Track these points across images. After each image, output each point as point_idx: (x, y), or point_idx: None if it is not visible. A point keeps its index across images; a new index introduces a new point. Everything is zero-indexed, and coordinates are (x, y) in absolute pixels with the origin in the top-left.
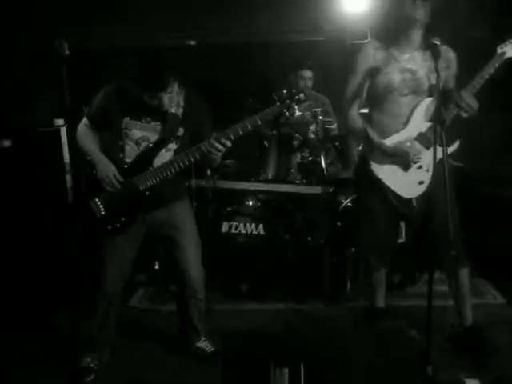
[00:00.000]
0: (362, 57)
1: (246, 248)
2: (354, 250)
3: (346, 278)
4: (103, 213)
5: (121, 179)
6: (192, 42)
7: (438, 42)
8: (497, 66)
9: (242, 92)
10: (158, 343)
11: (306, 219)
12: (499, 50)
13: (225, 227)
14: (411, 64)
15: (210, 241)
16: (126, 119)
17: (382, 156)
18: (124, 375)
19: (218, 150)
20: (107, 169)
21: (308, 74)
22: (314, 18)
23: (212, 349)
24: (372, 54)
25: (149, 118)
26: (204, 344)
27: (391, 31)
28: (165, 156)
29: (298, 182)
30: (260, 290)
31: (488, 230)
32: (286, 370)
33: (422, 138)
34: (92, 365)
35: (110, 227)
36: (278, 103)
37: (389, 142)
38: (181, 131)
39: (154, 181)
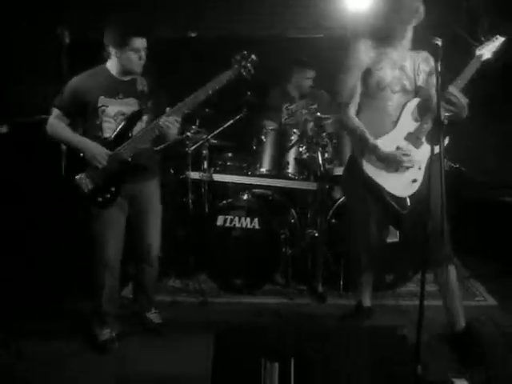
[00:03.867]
0: (354, 53)
1: (241, 242)
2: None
3: (339, 275)
4: (90, 187)
5: (109, 152)
6: (192, 34)
7: (439, 43)
8: (475, 68)
9: (241, 86)
10: (150, 335)
11: (301, 215)
12: (477, 52)
13: (220, 220)
14: (402, 61)
15: (205, 234)
16: (101, 98)
17: (371, 159)
18: (117, 367)
19: (172, 124)
20: (93, 148)
21: (312, 73)
22: (314, 14)
23: (159, 321)
24: (364, 52)
25: (121, 95)
26: (153, 316)
27: (384, 28)
28: (140, 127)
29: (294, 177)
30: (254, 284)
31: (480, 232)
32: (277, 365)
33: (411, 137)
34: (113, 334)
35: (100, 199)
36: (236, 66)
37: (380, 142)
38: (150, 104)
39: (135, 148)
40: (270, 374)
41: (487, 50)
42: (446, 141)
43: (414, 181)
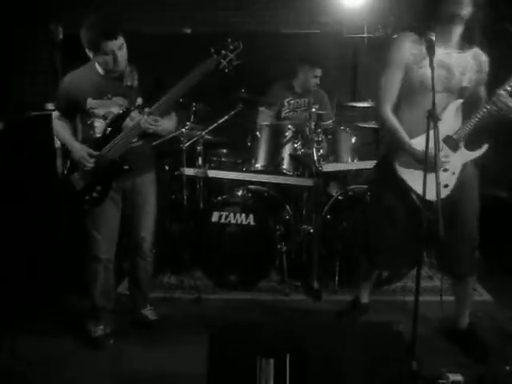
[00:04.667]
0: (397, 50)
1: (236, 238)
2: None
3: (334, 271)
4: (81, 186)
5: (94, 153)
6: (187, 31)
7: (433, 38)
8: None
9: (236, 82)
10: (145, 332)
11: (296, 211)
12: None
13: (215, 217)
14: (447, 60)
15: (200, 230)
16: (89, 100)
17: (406, 159)
18: (112, 364)
19: (152, 125)
20: (79, 150)
21: (319, 72)
22: (310, 9)
23: (155, 318)
24: (408, 48)
25: (109, 95)
26: (149, 312)
27: (430, 25)
28: (129, 125)
29: (289, 173)
30: (249, 280)
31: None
32: (272, 362)
33: (449, 140)
34: (107, 330)
35: (87, 197)
36: (215, 56)
37: (416, 142)
38: (139, 101)
39: (121, 148)
40: (266, 370)
41: None
42: (484, 148)
43: (446, 186)
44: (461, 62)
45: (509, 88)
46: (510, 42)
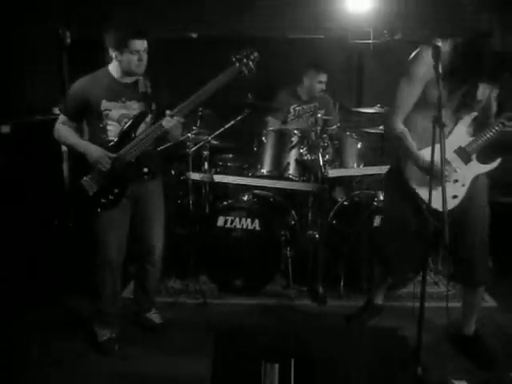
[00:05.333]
0: (421, 64)
1: (241, 243)
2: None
3: (339, 276)
4: (95, 189)
5: (112, 155)
6: (193, 35)
7: (439, 44)
8: None
9: (242, 87)
10: (150, 336)
11: (302, 216)
12: None
13: (220, 221)
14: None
15: (205, 234)
16: (104, 101)
17: (414, 168)
18: (116, 368)
19: (175, 125)
20: (96, 152)
21: (325, 77)
22: (315, 15)
23: (160, 321)
24: (429, 63)
25: (124, 98)
26: (154, 316)
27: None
28: (144, 129)
29: (295, 178)
30: (254, 285)
31: None
32: (277, 366)
33: (461, 152)
34: (113, 335)
35: (104, 201)
36: (237, 64)
37: (426, 152)
38: (153, 106)
39: (138, 150)
40: (270, 375)
41: None
42: (497, 162)
43: (455, 197)
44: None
45: None
46: None
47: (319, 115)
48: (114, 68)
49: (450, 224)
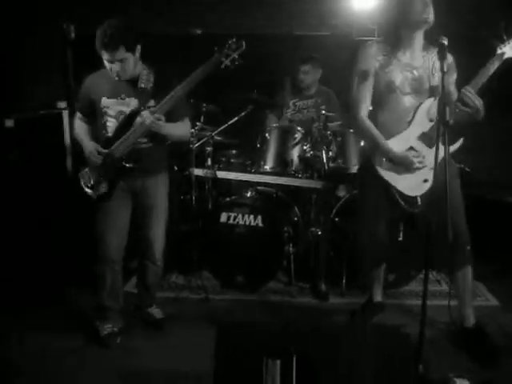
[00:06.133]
0: (363, 57)
1: (244, 239)
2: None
3: (342, 273)
4: (92, 182)
5: (102, 151)
6: (198, 32)
7: (445, 42)
8: (496, 66)
9: (247, 83)
10: (152, 331)
11: (305, 213)
12: (499, 50)
13: (223, 217)
14: (413, 63)
15: (208, 230)
16: (104, 99)
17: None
18: (117, 362)
19: (154, 123)
20: (88, 147)
21: (307, 67)
22: (320, 12)
23: (161, 316)
24: (373, 55)
25: (123, 95)
26: (155, 311)
27: (394, 31)
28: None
29: (298, 175)
30: (256, 281)
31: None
32: (278, 363)
33: (425, 137)
34: (115, 329)
35: (97, 193)
36: (216, 54)
37: (394, 142)
38: (151, 103)
39: (126, 146)
40: (272, 371)
41: (510, 48)
42: (459, 143)
43: (425, 181)
44: (427, 62)
45: (476, 89)
46: (482, 48)
47: (323, 112)
48: None
49: (421, 211)
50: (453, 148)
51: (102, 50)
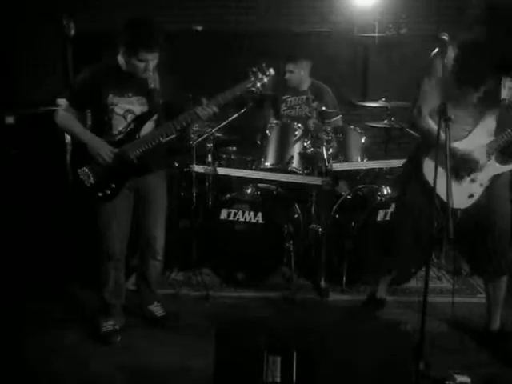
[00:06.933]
0: (441, 62)
1: (244, 236)
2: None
3: (342, 270)
4: (93, 181)
5: (115, 150)
6: (199, 28)
7: (445, 38)
8: None
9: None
10: (152, 328)
11: (305, 210)
12: None
13: (224, 214)
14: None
15: (208, 227)
16: (111, 96)
17: (439, 161)
18: (118, 359)
19: (209, 114)
20: (99, 145)
21: (291, 67)
22: (321, 8)
23: (162, 313)
24: (449, 59)
25: (131, 93)
26: (156, 308)
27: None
28: (149, 126)
29: (298, 172)
30: (256, 278)
31: None
32: (279, 359)
33: (481, 150)
34: (117, 327)
35: (100, 194)
36: (252, 78)
37: (458, 144)
38: (160, 101)
39: (143, 149)
40: (272, 367)
41: None
42: None
43: (471, 196)
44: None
45: None
46: None
47: (314, 106)
48: (122, 61)
49: (465, 220)
50: (508, 167)
51: (142, 49)
